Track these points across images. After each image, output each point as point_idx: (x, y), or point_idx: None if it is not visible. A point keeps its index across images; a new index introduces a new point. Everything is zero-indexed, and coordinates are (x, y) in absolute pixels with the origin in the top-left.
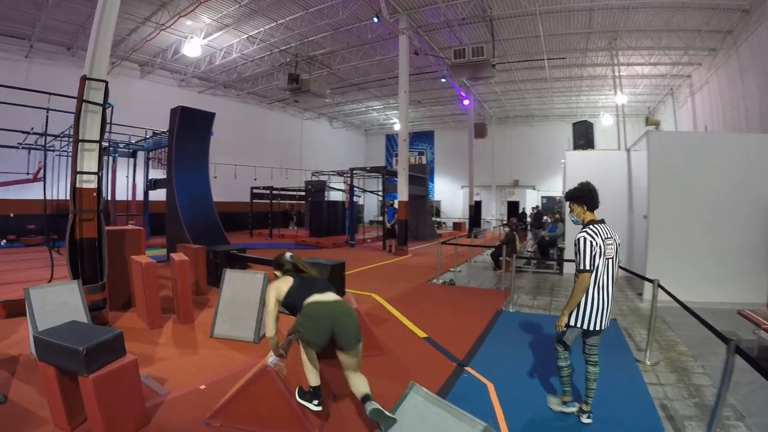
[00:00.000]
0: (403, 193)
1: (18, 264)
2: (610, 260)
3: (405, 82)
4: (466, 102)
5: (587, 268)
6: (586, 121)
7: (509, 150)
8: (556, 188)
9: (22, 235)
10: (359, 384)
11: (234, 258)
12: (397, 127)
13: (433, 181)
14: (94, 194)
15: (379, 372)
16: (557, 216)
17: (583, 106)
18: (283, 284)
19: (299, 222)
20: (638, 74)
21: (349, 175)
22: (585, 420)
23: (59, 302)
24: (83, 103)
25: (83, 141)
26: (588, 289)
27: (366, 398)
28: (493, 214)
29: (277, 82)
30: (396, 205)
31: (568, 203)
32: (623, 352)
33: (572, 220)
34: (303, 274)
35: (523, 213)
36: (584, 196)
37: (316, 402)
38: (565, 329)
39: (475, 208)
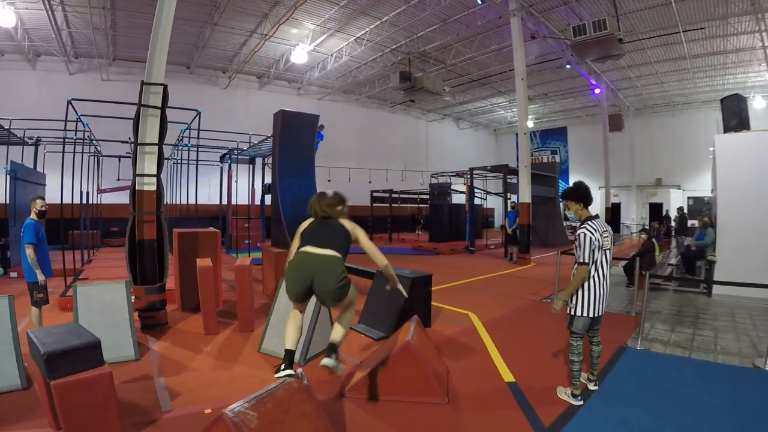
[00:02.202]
0: (524, 194)
1: None
2: (607, 251)
3: (521, 67)
4: (597, 91)
5: (586, 261)
6: (737, 94)
7: (650, 144)
8: (704, 187)
9: None
10: (335, 330)
11: None
12: (529, 124)
13: (567, 182)
14: (154, 196)
15: None
16: (706, 220)
17: (730, 87)
18: (304, 223)
19: (425, 226)
20: None
21: (468, 175)
22: (592, 387)
23: (104, 301)
24: (142, 108)
25: (143, 144)
26: (590, 279)
27: (331, 348)
28: (633, 217)
29: (392, 84)
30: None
31: (563, 202)
32: None
33: (569, 217)
34: (324, 219)
35: (667, 216)
36: (580, 195)
37: None
38: (572, 317)
39: (613, 211)
